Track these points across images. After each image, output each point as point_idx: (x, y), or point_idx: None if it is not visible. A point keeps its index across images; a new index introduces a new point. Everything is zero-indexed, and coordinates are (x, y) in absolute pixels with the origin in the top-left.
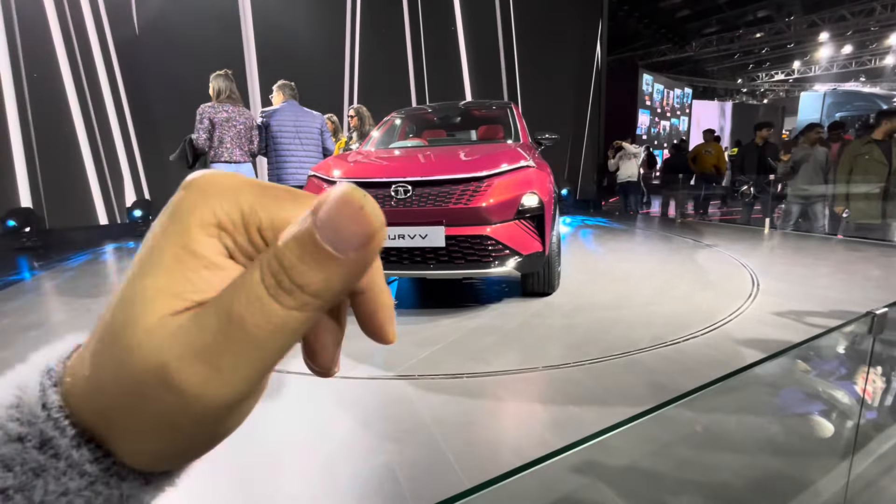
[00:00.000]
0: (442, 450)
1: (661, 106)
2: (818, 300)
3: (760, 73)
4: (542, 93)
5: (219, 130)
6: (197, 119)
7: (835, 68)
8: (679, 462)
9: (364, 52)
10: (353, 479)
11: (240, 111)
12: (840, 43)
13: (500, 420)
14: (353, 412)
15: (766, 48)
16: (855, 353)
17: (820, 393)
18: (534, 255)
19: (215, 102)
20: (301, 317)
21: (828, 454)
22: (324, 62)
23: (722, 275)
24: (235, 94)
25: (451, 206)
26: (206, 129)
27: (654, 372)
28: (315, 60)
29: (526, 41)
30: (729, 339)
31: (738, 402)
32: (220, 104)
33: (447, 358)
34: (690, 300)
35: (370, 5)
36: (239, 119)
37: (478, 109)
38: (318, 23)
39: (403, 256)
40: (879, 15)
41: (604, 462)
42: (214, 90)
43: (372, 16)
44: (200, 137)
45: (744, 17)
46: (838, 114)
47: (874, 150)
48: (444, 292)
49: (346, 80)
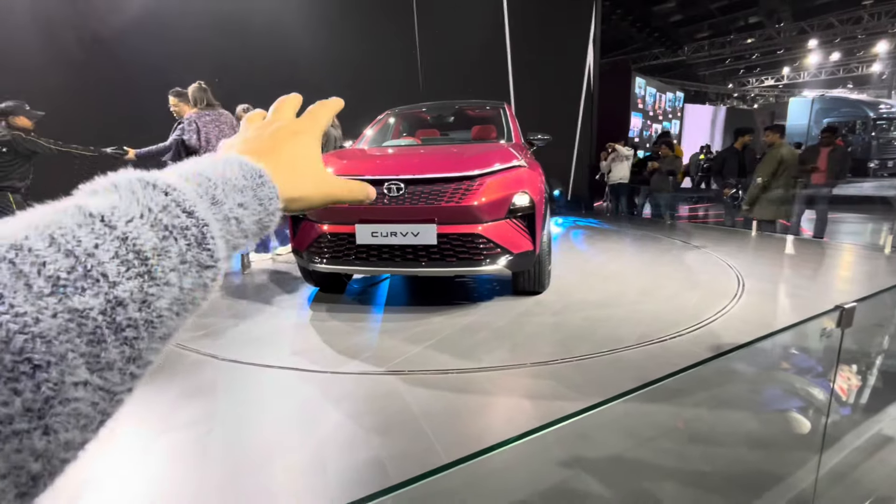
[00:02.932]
0: (431, 442)
1: (653, 109)
2: (801, 300)
3: (751, 78)
4: (535, 94)
5: (204, 131)
6: (185, 124)
7: (823, 75)
8: (660, 454)
9: (360, 51)
10: (342, 470)
11: (220, 114)
12: (828, 50)
13: (489, 414)
14: (344, 406)
15: (756, 54)
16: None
17: (796, 389)
18: (524, 253)
19: (198, 109)
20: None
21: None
22: (318, 63)
23: (709, 275)
24: (213, 100)
25: (444, 205)
26: (194, 131)
27: (640, 368)
28: (309, 62)
29: (519, 42)
30: (714, 337)
31: (714, 396)
32: (201, 110)
33: (438, 354)
34: (678, 299)
35: (368, 5)
36: (221, 120)
37: (471, 109)
38: (313, 24)
39: (395, 254)
40: (867, 23)
41: (588, 455)
42: (192, 99)
43: (374, 16)
44: (192, 138)
45: (735, 23)
46: (826, 119)
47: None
48: (436, 290)
49: (342, 79)
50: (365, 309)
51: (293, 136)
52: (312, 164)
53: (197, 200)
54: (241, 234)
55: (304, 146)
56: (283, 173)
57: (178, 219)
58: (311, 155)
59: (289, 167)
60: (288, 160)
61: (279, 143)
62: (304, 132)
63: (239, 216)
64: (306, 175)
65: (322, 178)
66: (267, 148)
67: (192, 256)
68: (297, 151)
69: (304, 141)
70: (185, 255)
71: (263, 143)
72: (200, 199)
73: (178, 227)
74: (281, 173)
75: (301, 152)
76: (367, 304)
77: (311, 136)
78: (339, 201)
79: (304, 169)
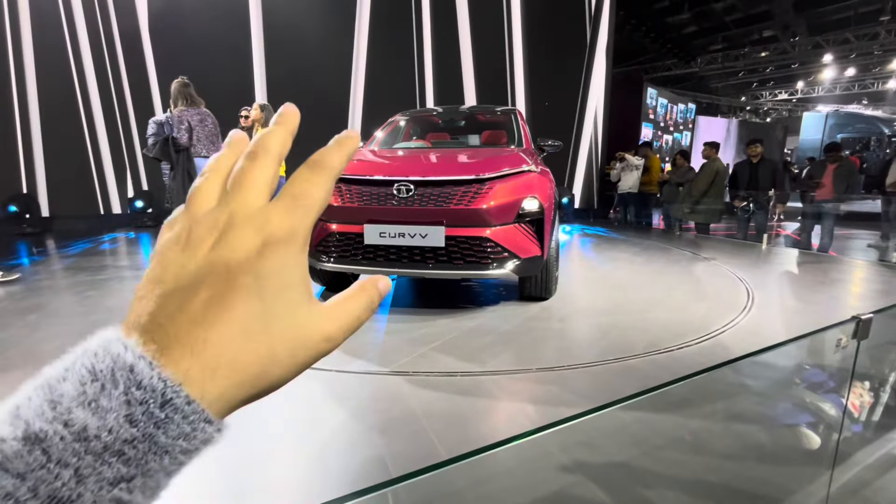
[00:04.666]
0: (433, 443)
1: (664, 120)
2: (810, 315)
3: (764, 92)
4: (546, 100)
5: (197, 130)
6: (176, 121)
7: (837, 90)
8: (667, 464)
9: (371, 54)
10: (345, 468)
11: (207, 113)
12: (843, 65)
13: (492, 417)
14: (348, 405)
15: (770, 67)
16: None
17: (801, 400)
18: (532, 258)
19: (187, 107)
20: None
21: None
22: (330, 62)
23: (717, 287)
24: (196, 98)
25: (452, 207)
26: (186, 130)
27: (646, 377)
28: (322, 60)
29: (531, 50)
30: (722, 349)
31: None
32: (192, 108)
33: (443, 356)
34: (686, 310)
35: (378, 8)
36: (208, 120)
37: (482, 114)
38: (327, 22)
39: (403, 255)
40: (883, 39)
41: (591, 463)
42: (180, 96)
43: (380, 20)
44: (183, 137)
45: (749, 36)
46: (839, 135)
47: None
48: (442, 293)
49: (353, 81)
50: None
51: (256, 262)
52: (290, 309)
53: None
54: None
55: (277, 279)
56: (228, 354)
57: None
58: (288, 296)
59: (240, 337)
60: (241, 323)
61: (223, 291)
62: (279, 243)
63: (120, 499)
64: (276, 339)
65: (305, 330)
66: (194, 312)
67: None
68: (257, 301)
69: (277, 266)
70: None
71: (187, 297)
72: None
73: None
74: (222, 357)
75: (271, 294)
76: None
77: (293, 247)
78: (333, 347)
79: (272, 329)
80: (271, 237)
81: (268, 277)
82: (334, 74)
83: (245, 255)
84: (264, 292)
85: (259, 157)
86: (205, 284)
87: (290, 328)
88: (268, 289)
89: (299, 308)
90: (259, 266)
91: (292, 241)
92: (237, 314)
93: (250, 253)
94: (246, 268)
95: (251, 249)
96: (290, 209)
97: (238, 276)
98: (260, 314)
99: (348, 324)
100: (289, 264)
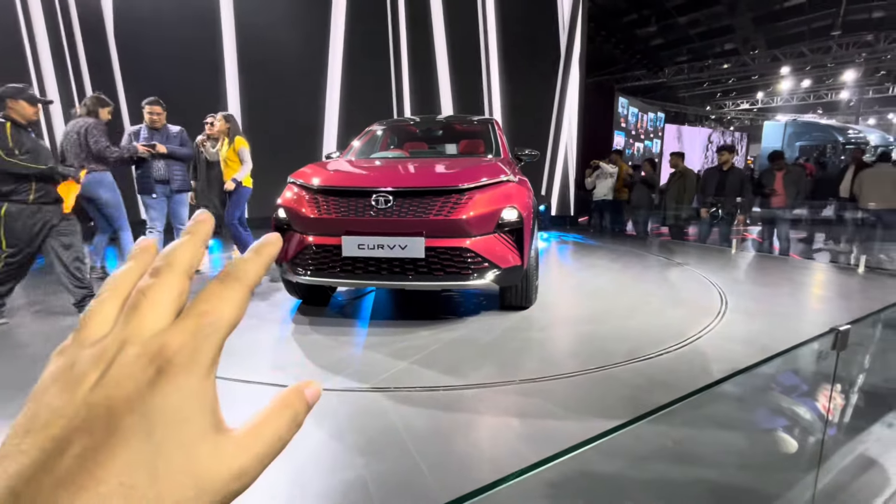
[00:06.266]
0: (416, 462)
1: (635, 128)
2: (781, 318)
3: (727, 102)
4: (521, 110)
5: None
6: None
7: (795, 100)
8: (652, 475)
9: (346, 62)
10: (324, 492)
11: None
12: (800, 77)
13: (476, 433)
14: (326, 424)
15: (732, 78)
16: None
17: (784, 409)
18: (512, 268)
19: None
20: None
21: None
22: (304, 70)
23: (692, 292)
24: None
25: (432, 218)
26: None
27: (628, 386)
28: (296, 69)
29: (506, 60)
30: (700, 355)
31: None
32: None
33: (424, 370)
34: (663, 316)
35: (354, 14)
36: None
37: (459, 124)
38: (301, 30)
39: (382, 267)
40: (835, 53)
41: (577, 478)
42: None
43: (355, 28)
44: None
45: (712, 49)
46: (798, 143)
47: None
48: (422, 304)
49: (328, 89)
50: (349, 322)
51: (147, 396)
52: (187, 447)
53: None
54: None
55: (172, 413)
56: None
57: None
58: (186, 432)
59: (117, 498)
60: (119, 479)
61: (100, 440)
62: (177, 370)
63: None
64: (167, 489)
65: (208, 471)
66: (62, 472)
67: None
68: (143, 445)
69: (172, 398)
70: None
71: (55, 453)
72: None
73: None
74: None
75: (162, 432)
76: (351, 317)
77: (194, 374)
78: (247, 484)
79: (163, 476)
80: (168, 364)
81: (159, 413)
82: (309, 83)
83: (134, 389)
84: (154, 431)
85: (162, 272)
86: (79, 434)
87: (186, 471)
88: (158, 426)
89: (200, 444)
90: (150, 400)
91: (193, 366)
92: (115, 469)
93: (140, 386)
94: (133, 405)
95: (141, 382)
96: (193, 330)
97: (122, 418)
98: (146, 461)
99: (266, 451)
100: (186, 395)
